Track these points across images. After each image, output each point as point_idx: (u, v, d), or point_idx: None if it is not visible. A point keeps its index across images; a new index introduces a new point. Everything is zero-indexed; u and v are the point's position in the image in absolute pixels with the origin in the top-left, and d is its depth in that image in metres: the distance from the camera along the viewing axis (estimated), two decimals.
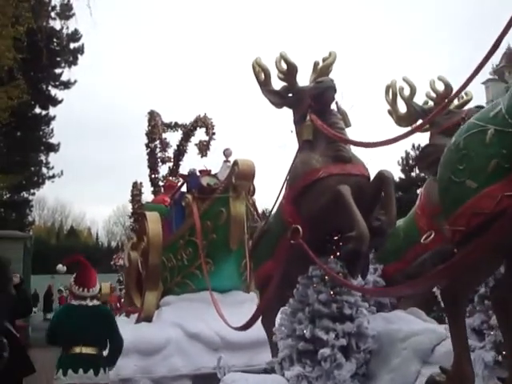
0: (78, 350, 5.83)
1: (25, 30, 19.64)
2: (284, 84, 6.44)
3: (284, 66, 6.31)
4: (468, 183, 3.80)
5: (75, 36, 35.12)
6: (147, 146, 12.83)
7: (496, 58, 35.75)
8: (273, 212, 6.69)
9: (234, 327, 7.34)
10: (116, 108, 70.74)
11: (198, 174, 10.33)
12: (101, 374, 5.84)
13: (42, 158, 35.94)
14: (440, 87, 7.08)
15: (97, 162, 63.56)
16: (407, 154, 36.22)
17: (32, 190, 36.45)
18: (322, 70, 6.46)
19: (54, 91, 35.38)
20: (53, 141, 35.66)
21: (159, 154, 12.97)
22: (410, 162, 35.97)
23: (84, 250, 38.72)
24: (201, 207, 9.80)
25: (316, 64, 6.75)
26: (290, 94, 6.41)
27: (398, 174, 35.73)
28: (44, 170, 35.89)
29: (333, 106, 6.21)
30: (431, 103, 7.25)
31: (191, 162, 12.36)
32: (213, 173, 10.32)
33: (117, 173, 66.28)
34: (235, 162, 9.23)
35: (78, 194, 65.68)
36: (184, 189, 10.75)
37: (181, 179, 11.12)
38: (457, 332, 4.10)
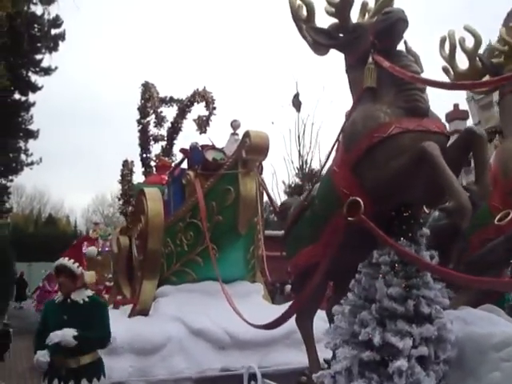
0: None
1: (5, 15, 18.05)
2: (334, 21, 4.86)
3: None
4: None
5: (56, 22, 33.27)
6: (139, 122, 11.16)
7: None
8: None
9: (256, 325, 5.79)
10: (97, 95, 68.20)
11: (200, 148, 8.71)
12: None
13: (21, 144, 33.96)
14: None
15: (76, 150, 61.10)
16: None
17: (10, 177, 34.45)
18: (384, 4, 4.84)
19: (34, 77, 33.42)
20: (32, 127, 33.69)
21: (151, 132, 11.30)
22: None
23: (62, 239, 36.75)
24: (204, 185, 8.20)
25: (365, 4, 5.17)
26: (341, 34, 4.84)
27: None
28: (23, 156, 33.89)
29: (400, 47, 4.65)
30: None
31: (186, 141, 10.70)
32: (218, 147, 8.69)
33: (96, 161, 64.22)
34: (246, 134, 7.65)
35: (57, 182, 62.97)
36: (184, 165, 9.12)
37: (181, 154, 9.47)
38: None
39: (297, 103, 34.39)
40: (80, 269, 5.16)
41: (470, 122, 35.96)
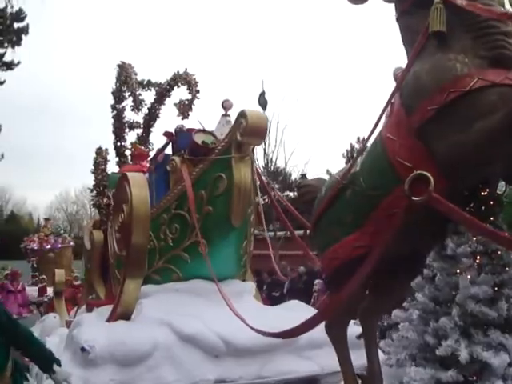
0: None
1: None
2: None
3: None
4: None
5: (20, 15, 31.70)
6: (113, 107, 9.86)
7: None
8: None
9: (269, 333, 4.69)
10: (61, 91, 65.76)
11: (186, 131, 7.56)
12: None
13: None
14: None
15: (40, 147, 58.74)
16: (352, 146, 34.22)
17: None
18: None
19: None
20: None
21: (127, 118, 10.02)
22: (355, 154, 33.79)
23: (24, 236, 34.88)
24: (193, 172, 7.04)
25: None
26: None
27: (342, 166, 33.72)
28: None
29: None
30: None
31: (164, 128, 9.51)
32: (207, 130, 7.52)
33: (60, 158, 62.05)
34: (242, 114, 6.53)
35: (20, 179, 60.32)
36: (169, 151, 7.95)
37: (165, 138, 8.24)
38: None
39: (263, 101, 33.43)
40: None
41: None
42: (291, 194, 28.47)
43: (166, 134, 8.05)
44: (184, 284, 7.11)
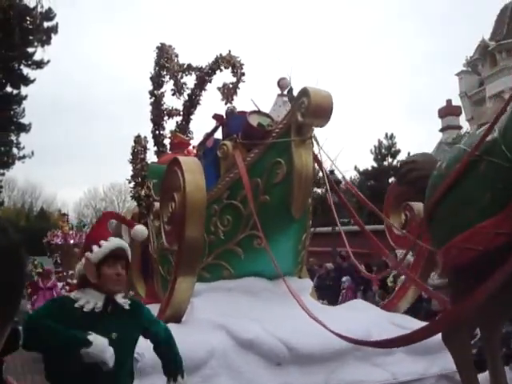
0: None
1: None
2: None
3: None
4: None
5: (49, 15, 31.32)
6: (152, 93, 9.02)
7: (470, 51, 33.33)
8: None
9: (362, 341, 3.82)
10: (90, 89, 65.47)
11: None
12: None
13: (13, 138, 31.85)
14: None
15: (69, 144, 58.37)
16: (380, 142, 33.12)
17: (2, 171, 32.40)
18: None
19: (26, 70, 31.62)
20: (24, 121, 31.88)
21: (166, 105, 9.18)
22: (383, 150, 32.86)
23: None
24: (246, 158, 6.18)
25: None
26: None
27: (370, 163, 32.82)
28: (14, 150, 31.93)
29: None
30: None
31: (205, 116, 8.67)
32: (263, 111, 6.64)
33: (89, 155, 61.93)
34: (304, 92, 5.65)
35: (49, 176, 59.94)
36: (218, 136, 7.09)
37: (215, 121, 7.36)
38: None
39: (291, 97, 32.60)
40: None
41: (462, 118, 34.56)
42: (318, 190, 27.40)
43: (216, 116, 7.19)
44: (237, 282, 6.28)
